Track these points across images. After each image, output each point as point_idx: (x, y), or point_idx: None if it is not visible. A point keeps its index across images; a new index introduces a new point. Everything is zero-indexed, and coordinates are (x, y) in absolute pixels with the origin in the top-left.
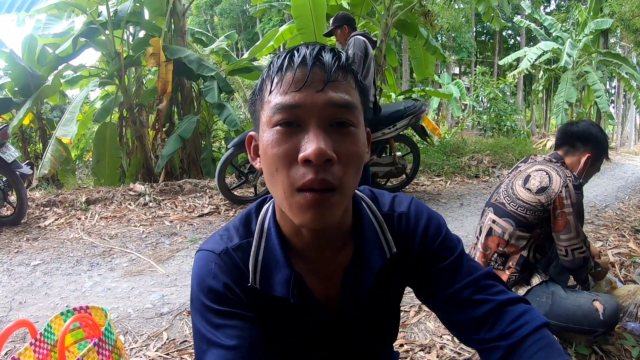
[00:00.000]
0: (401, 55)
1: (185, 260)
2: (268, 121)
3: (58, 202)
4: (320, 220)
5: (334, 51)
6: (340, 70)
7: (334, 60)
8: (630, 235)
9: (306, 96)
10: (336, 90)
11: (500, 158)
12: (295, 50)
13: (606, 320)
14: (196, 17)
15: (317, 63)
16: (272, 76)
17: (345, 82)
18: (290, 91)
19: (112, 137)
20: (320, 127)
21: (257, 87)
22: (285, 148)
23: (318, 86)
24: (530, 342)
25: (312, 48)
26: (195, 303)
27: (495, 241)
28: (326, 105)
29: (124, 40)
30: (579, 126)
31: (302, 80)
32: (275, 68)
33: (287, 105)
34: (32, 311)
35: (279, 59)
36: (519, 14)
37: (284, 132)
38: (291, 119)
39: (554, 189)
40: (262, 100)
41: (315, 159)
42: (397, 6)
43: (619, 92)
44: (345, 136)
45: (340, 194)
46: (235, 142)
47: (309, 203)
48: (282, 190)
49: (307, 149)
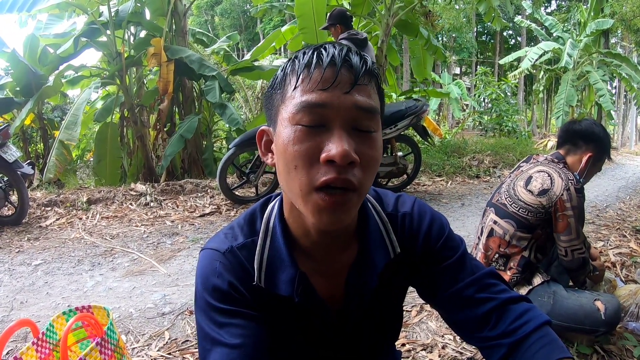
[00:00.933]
0: (402, 55)
1: (186, 260)
2: (291, 117)
3: (59, 202)
4: (337, 223)
5: (360, 54)
6: (367, 74)
7: (361, 64)
8: (631, 235)
9: (333, 96)
10: (362, 93)
11: (501, 158)
12: (322, 48)
13: (607, 320)
14: (197, 17)
15: (345, 64)
16: (299, 72)
17: (369, 87)
18: (317, 89)
19: (113, 137)
20: (344, 129)
21: (277, 80)
22: (308, 146)
23: (345, 88)
24: (533, 340)
25: (340, 49)
26: (199, 302)
27: (497, 242)
28: (352, 108)
29: (125, 41)
30: (582, 125)
31: (330, 80)
32: (302, 64)
33: (314, 103)
34: (34, 311)
35: (304, 55)
36: (519, 14)
37: (307, 131)
38: (316, 117)
39: (555, 191)
40: (284, 95)
41: (340, 160)
42: (398, 6)
43: (620, 92)
44: (366, 140)
45: (359, 196)
46: (237, 142)
47: (328, 205)
48: (299, 188)
49: (332, 149)
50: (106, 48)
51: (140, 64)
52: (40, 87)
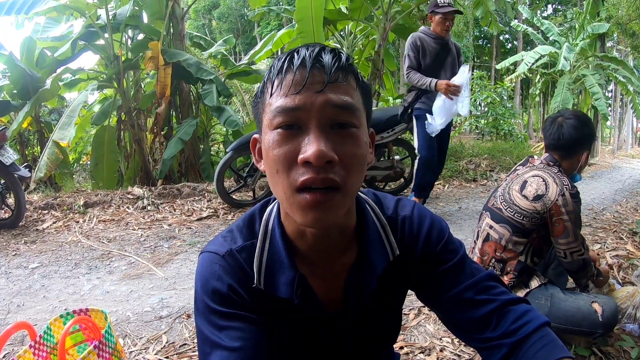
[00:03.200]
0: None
1: (184, 263)
2: (269, 124)
3: (56, 205)
4: (323, 220)
5: (334, 52)
6: (340, 71)
7: (333, 61)
8: (628, 238)
9: (305, 98)
10: (336, 91)
11: (498, 162)
12: (295, 52)
13: (605, 322)
14: (194, 21)
15: (316, 64)
16: (273, 79)
17: (345, 83)
18: (290, 93)
19: (111, 141)
20: (321, 129)
21: (259, 90)
22: (286, 150)
23: (317, 87)
24: (534, 340)
25: (312, 49)
26: (199, 305)
27: (493, 247)
28: (326, 107)
29: (122, 44)
30: (571, 128)
31: (301, 82)
32: (276, 71)
33: (287, 107)
34: (31, 314)
35: (279, 62)
36: (516, 18)
37: (284, 134)
38: (291, 121)
39: (550, 197)
40: (264, 103)
41: (316, 161)
42: (396, 10)
43: (616, 95)
44: (346, 137)
45: (343, 194)
46: (234, 145)
47: (310, 203)
48: (282, 191)
49: (307, 150)
50: (104, 51)
51: (138, 68)
52: (38, 90)
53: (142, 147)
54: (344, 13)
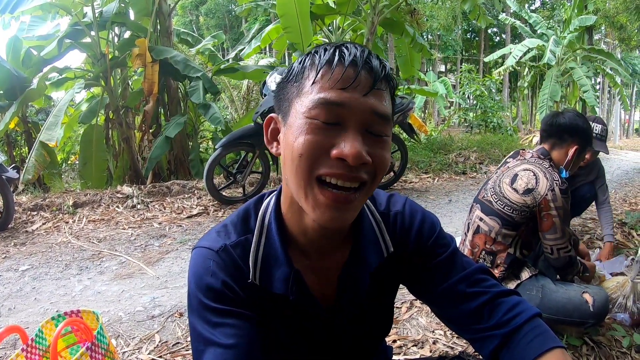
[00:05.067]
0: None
1: (175, 262)
2: (306, 111)
3: (45, 206)
4: (340, 221)
5: (380, 59)
6: (385, 79)
7: (381, 68)
8: (617, 228)
9: (352, 97)
10: (379, 98)
11: (487, 154)
12: (344, 47)
13: (596, 312)
14: (182, 17)
15: (366, 66)
16: (319, 67)
17: (386, 92)
18: (337, 88)
19: (99, 140)
20: (359, 131)
21: (293, 72)
22: (320, 139)
23: (364, 90)
24: (526, 330)
25: (362, 50)
26: (193, 301)
27: (483, 239)
28: (369, 112)
29: (109, 42)
30: (566, 117)
31: (350, 80)
32: (324, 60)
33: (332, 102)
34: (22, 317)
35: (326, 52)
36: (504, 11)
37: (321, 125)
38: (332, 115)
39: (539, 191)
40: (301, 88)
41: (353, 161)
42: (383, 4)
43: (604, 88)
44: (379, 143)
45: (363, 195)
46: (223, 142)
47: (330, 202)
48: (301, 177)
49: (345, 148)
50: (90, 49)
51: (125, 65)
52: (24, 90)
53: (131, 146)
54: (331, 7)
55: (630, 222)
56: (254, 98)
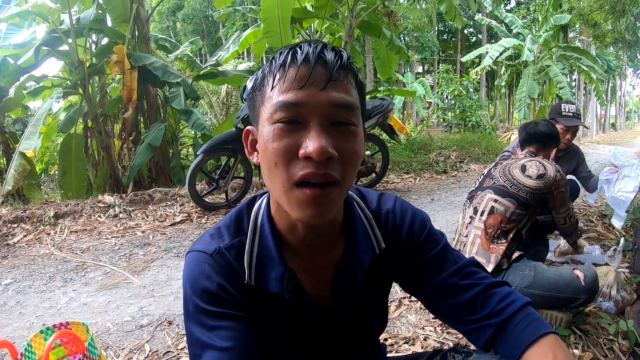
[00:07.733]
0: (365, 55)
1: (160, 270)
2: (269, 117)
3: (26, 217)
4: (319, 216)
5: (336, 50)
6: (342, 69)
7: (336, 59)
8: (598, 220)
9: (308, 94)
10: (338, 89)
11: (467, 153)
12: (297, 47)
13: (588, 287)
14: (159, 23)
15: (319, 61)
16: (275, 72)
17: (346, 82)
18: (293, 88)
19: (78, 149)
20: (322, 126)
21: (256, 82)
22: (286, 143)
23: (320, 85)
24: (519, 318)
25: (315, 46)
26: (188, 306)
27: (499, 218)
28: (328, 105)
29: (87, 49)
30: (545, 127)
31: (304, 78)
32: (278, 64)
33: (290, 102)
34: (8, 332)
35: (281, 55)
36: (479, 11)
37: (285, 128)
38: (293, 116)
39: (550, 175)
40: (263, 96)
41: (317, 157)
42: (361, 7)
43: (580, 84)
44: (345, 135)
45: (340, 190)
46: (204, 148)
47: (309, 199)
48: (280, 184)
49: (309, 146)
50: (68, 57)
51: (103, 73)
52: (1, 99)
53: (111, 154)
54: (309, 11)
55: (610, 214)
56: (233, 103)
